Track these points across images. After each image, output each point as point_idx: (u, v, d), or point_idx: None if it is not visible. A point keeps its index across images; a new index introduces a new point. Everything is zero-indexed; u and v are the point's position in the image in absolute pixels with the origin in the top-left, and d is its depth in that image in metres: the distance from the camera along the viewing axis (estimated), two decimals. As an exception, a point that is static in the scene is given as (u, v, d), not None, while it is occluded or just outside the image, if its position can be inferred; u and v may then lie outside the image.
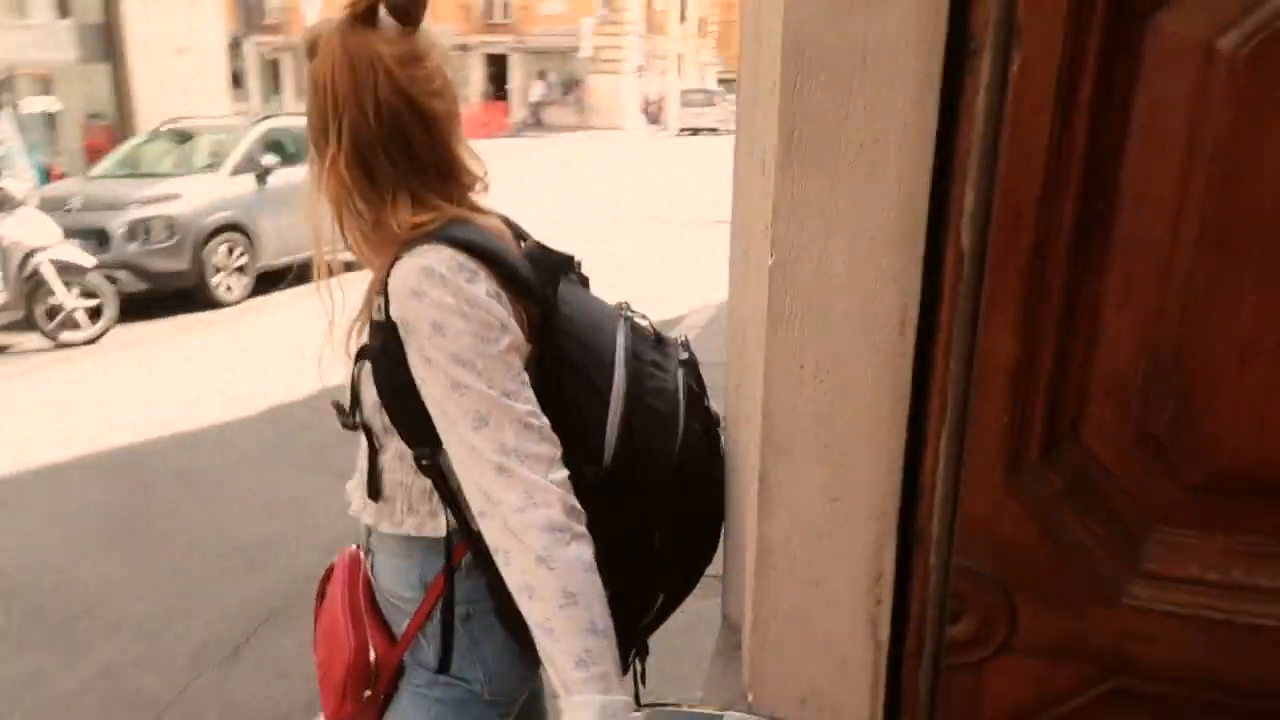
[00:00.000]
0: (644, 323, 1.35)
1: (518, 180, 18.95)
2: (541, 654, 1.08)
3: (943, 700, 1.04)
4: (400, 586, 1.32)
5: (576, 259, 1.34)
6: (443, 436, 1.16)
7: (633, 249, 10.88)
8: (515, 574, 1.09)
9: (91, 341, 7.14)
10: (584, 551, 1.08)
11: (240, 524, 4.20)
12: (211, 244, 8.18)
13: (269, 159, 8.84)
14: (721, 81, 44.61)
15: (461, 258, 1.15)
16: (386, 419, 1.22)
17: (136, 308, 7.63)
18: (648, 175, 19.21)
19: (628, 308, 1.37)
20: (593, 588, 1.07)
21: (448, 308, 1.12)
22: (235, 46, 16.82)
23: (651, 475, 1.23)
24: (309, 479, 4.71)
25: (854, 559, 1.06)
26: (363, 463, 1.31)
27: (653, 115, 34.28)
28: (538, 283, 1.22)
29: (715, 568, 1.39)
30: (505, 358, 1.13)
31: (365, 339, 1.30)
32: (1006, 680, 1.02)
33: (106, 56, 12.41)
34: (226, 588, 3.67)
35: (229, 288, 8.42)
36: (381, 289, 1.18)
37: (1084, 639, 0.99)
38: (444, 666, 1.29)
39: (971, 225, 0.91)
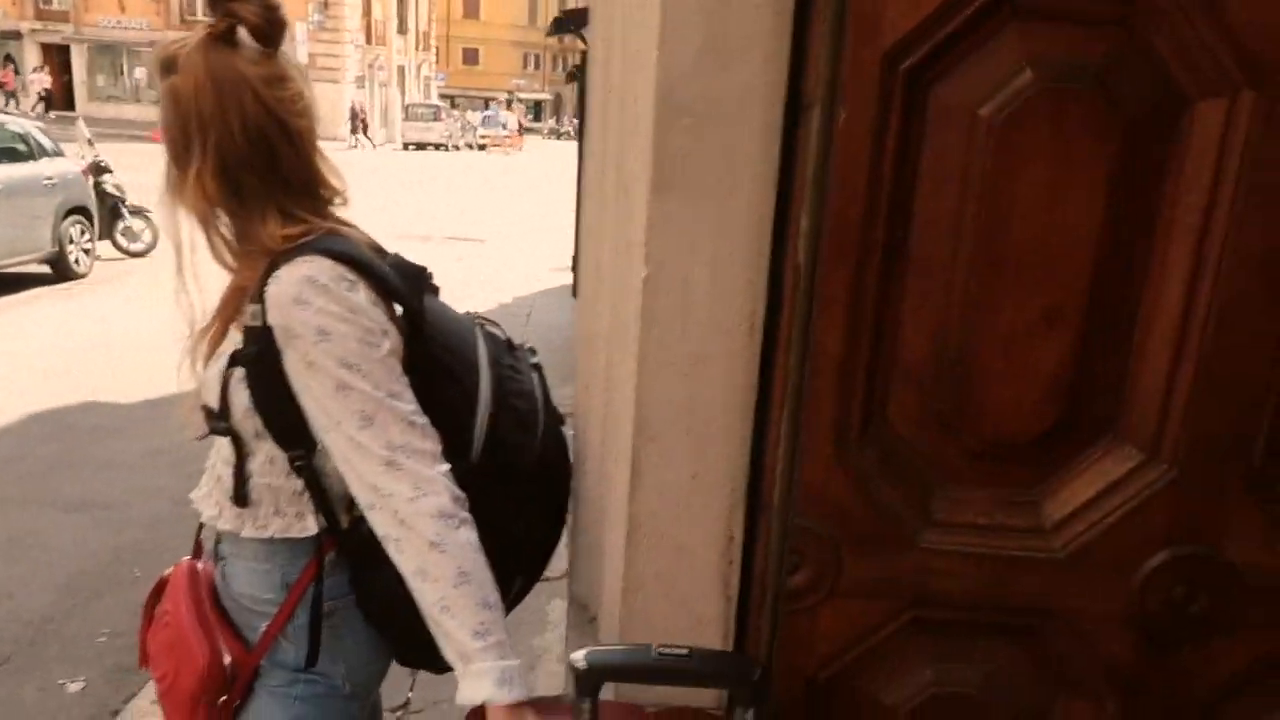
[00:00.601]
0: (496, 330, 1.47)
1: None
2: (438, 632, 1.17)
3: (781, 641, 1.25)
4: (259, 589, 1.35)
5: (428, 270, 1.43)
6: (324, 437, 1.22)
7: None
8: (409, 559, 1.17)
9: None
10: (471, 535, 1.19)
11: (-51, 567, 3.74)
12: None
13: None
14: (444, 97, 44.30)
15: (340, 268, 1.22)
16: (259, 424, 1.27)
17: None
18: (390, 191, 18.70)
19: (479, 317, 1.48)
20: (483, 567, 1.18)
21: (332, 314, 1.19)
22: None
23: (515, 469, 1.36)
24: (27, 515, 4.29)
25: (711, 527, 1.24)
26: (224, 470, 1.34)
27: (356, 127, 33.27)
28: (406, 292, 1.30)
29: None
30: (387, 361, 1.22)
31: (226, 346, 1.33)
32: (833, 619, 1.25)
33: None
34: (-58, 637, 3.27)
35: (-105, 303, 7.31)
36: (257, 298, 1.22)
37: (891, 579, 1.24)
38: (311, 661, 1.33)
39: (806, 244, 1.13)
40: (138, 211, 10.66)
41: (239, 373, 1.25)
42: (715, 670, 1.08)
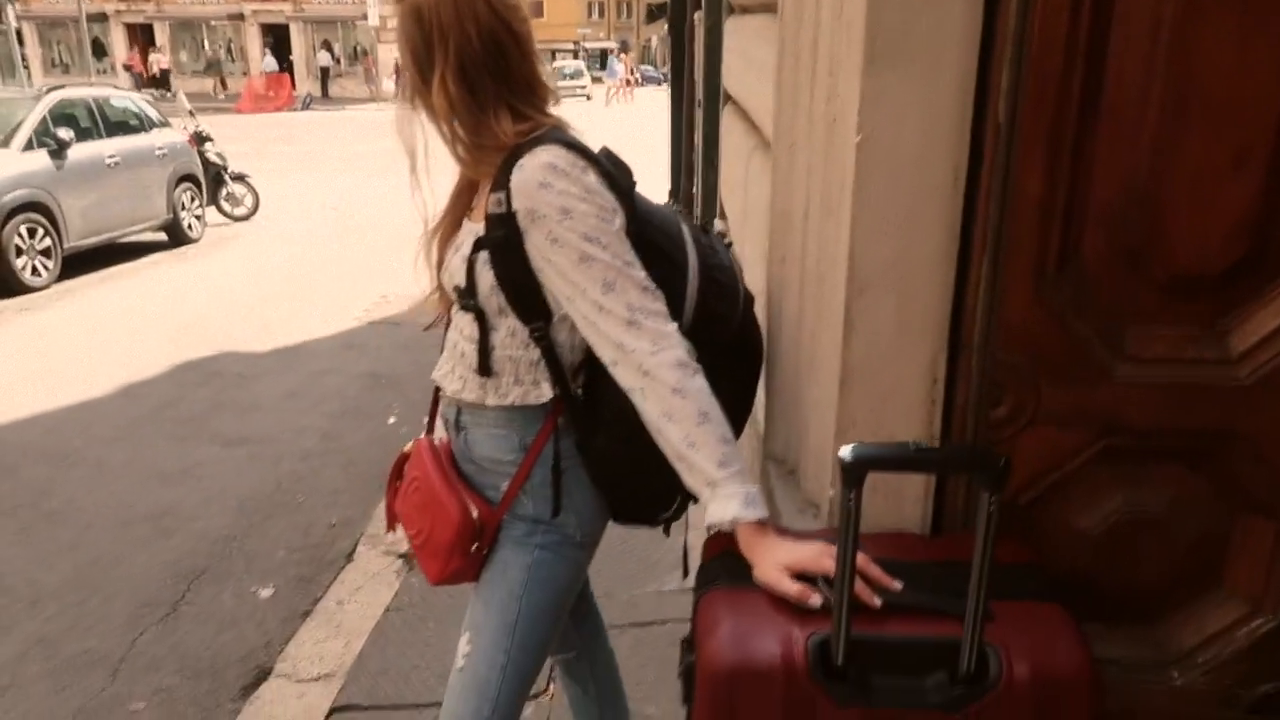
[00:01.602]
0: (689, 216, 1.61)
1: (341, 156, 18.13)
2: (683, 467, 1.33)
3: (981, 472, 1.39)
4: (500, 452, 1.53)
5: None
6: (568, 305, 1.39)
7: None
8: (653, 404, 1.33)
9: (-111, 334, 6.52)
10: (704, 382, 1.35)
11: (134, 496, 4.12)
12: (10, 225, 7.54)
13: (65, 133, 8.23)
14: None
15: (574, 155, 1.38)
16: (502, 300, 1.44)
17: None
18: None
19: (675, 206, 1.63)
20: (718, 408, 1.34)
21: (573, 195, 1.35)
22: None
23: (719, 335, 1.51)
24: (192, 450, 4.64)
25: (916, 371, 1.38)
26: (467, 346, 1.51)
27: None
28: (620, 178, 1.45)
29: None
30: (620, 234, 1.38)
31: (463, 235, 1.50)
32: (1031, 448, 1.39)
33: None
34: (141, 554, 3.63)
35: (36, 271, 7.82)
36: (500, 187, 1.39)
37: (1085, 409, 1.37)
38: (555, 512, 1.52)
39: (1007, 100, 1.24)
40: (239, 177, 11.12)
41: (483, 256, 1.42)
42: (964, 459, 1.23)
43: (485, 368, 1.49)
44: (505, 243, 1.39)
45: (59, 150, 8.11)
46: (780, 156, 1.57)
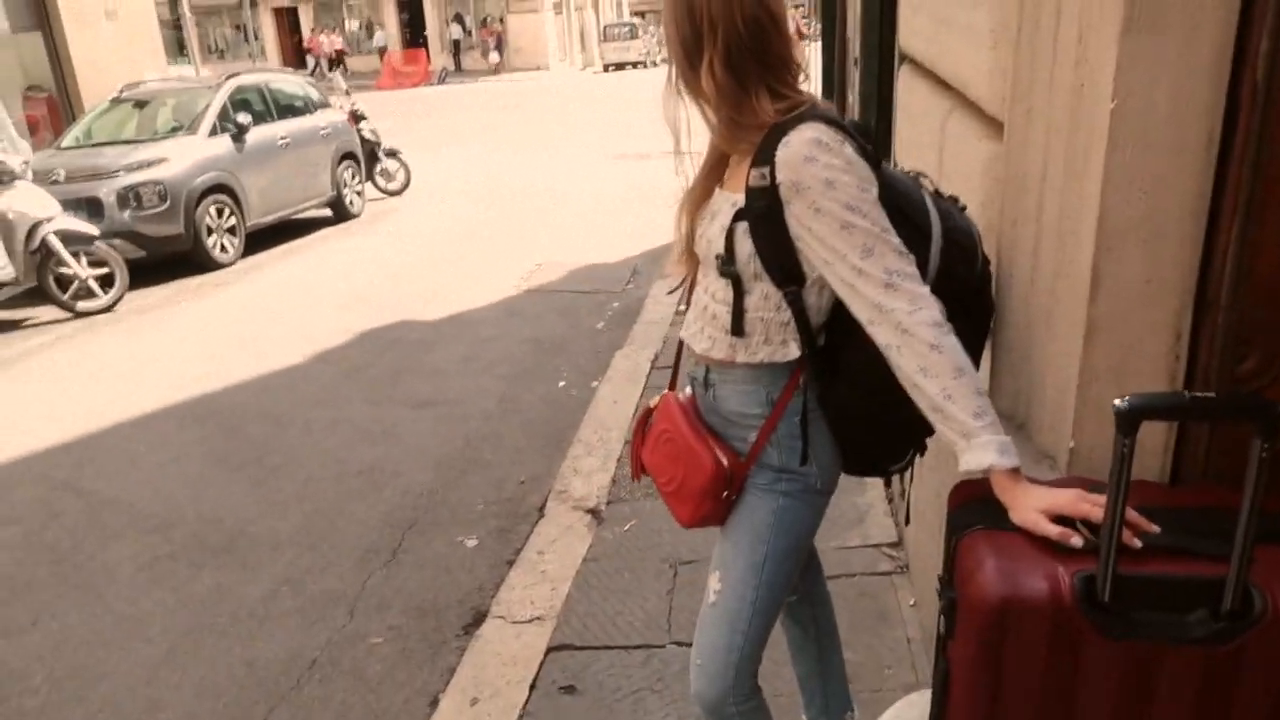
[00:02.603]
0: (926, 182, 1.70)
1: (500, 126, 18.61)
2: (939, 419, 1.43)
3: (1223, 427, 1.44)
4: (748, 406, 1.66)
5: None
6: (826, 270, 1.49)
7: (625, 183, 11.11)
8: (910, 360, 1.43)
9: (108, 309, 7.20)
10: (956, 339, 1.44)
11: (343, 453, 4.48)
12: (201, 206, 8.18)
13: (244, 118, 8.82)
14: (635, 13, 44.14)
15: (833, 130, 1.48)
16: (759, 266, 1.55)
17: (135, 275, 7.66)
18: (597, 113, 19.24)
19: (912, 171, 1.72)
20: (970, 363, 1.43)
21: (836, 167, 1.45)
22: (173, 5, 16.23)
23: (959, 294, 1.59)
24: (387, 411, 4.99)
25: (1161, 326, 1.44)
26: (719, 308, 1.64)
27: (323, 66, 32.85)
28: (871, 150, 1.54)
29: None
30: (877, 203, 1.47)
31: (717, 204, 1.63)
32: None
33: (38, 25, 12.01)
34: (358, 505, 3.97)
35: (224, 248, 8.46)
36: (762, 162, 1.50)
37: (1336, 362, 1.40)
38: (804, 460, 1.64)
39: (1265, 64, 1.28)
40: (392, 154, 11.64)
41: (743, 226, 1.55)
42: (1240, 406, 1.29)
43: (739, 329, 1.61)
44: (767, 213, 1.51)
45: (239, 134, 8.72)
46: (1015, 123, 1.63)
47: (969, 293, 1.63)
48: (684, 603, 3.00)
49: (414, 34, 36.16)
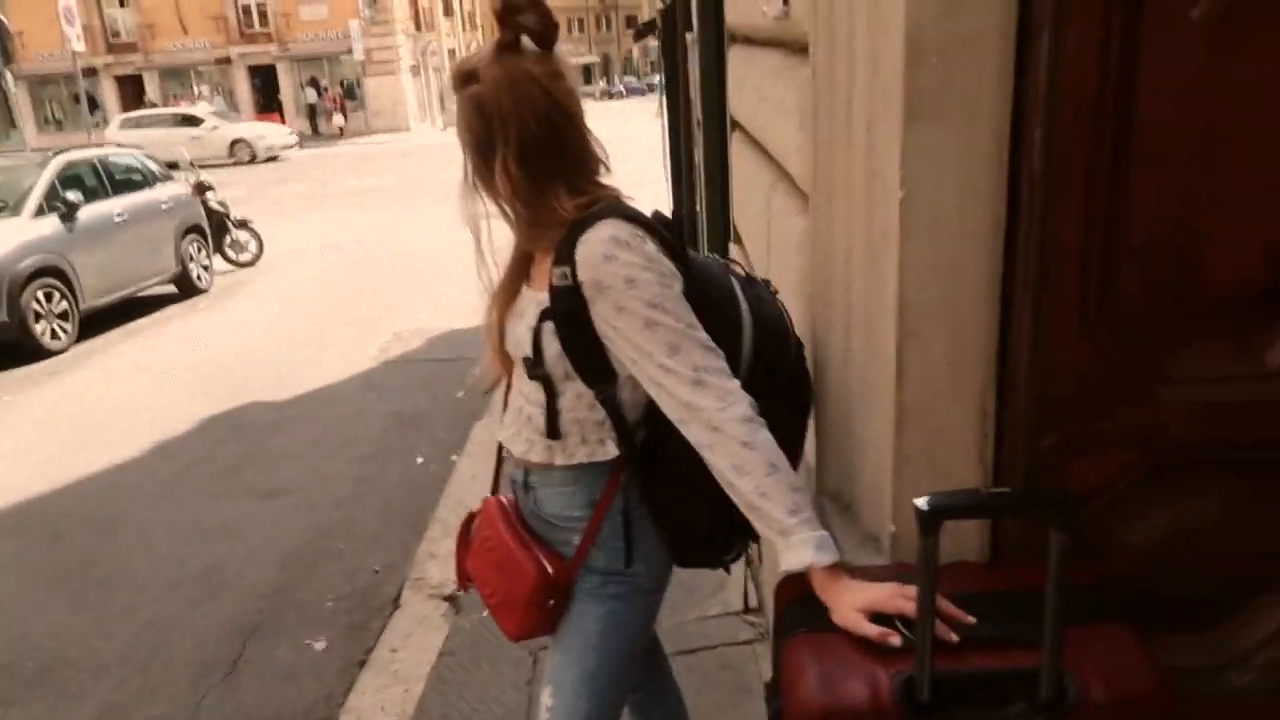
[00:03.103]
0: (735, 266, 1.68)
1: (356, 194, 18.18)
2: (756, 517, 1.40)
3: (1036, 499, 1.45)
4: (570, 509, 1.60)
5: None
6: (634, 369, 1.45)
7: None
8: (723, 458, 1.40)
9: (-82, 409, 6.60)
10: (769, 434, 1.41)
11: (180, 555, 4.19)
12: (27, 291, 7.64)
13: (74, 195, 8.34)
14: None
15: (633, 226, 1.45)
16: (568, 366, 1.50)
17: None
18: (459, 173, 18.99)
19: (719, 258, 1.70)
20: (784, 458, 1.41)
21: (636, 265, 1.41)
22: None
23: (773, 381, 1.58)
24: (230, 505, 4.72)
25: (967, 407, 1.45)
26: (533, 410, 1.58)
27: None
28: (673, 241, 1.52)
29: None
30: (681, 299, 1.45)
31: (523, 304, 1.57)
32: (1081, 473, 1.45)
33: None
34: (196, 614, 3.71)
35: (55, 334, 7.91)
36: (563, 261, 1.45)
37: (1132, 433, 1.44)
38: (629, 562, 1.58)
39: (1041, 151, 1.32)
40: (242, 224, 11.24)
41: (549, 326, 1.49)
42: (1036, 501, 1.29)
43: (553, 431, 1.55)
44: (571, 313, 1.46)
45: (69, 213, 8.22)
46: (819, 205, 1.64)
47: (785, 380, 1.61)
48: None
49: (267, 99, 35.34)
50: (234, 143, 26.96)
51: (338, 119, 32.87)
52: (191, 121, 27.20)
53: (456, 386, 6.25)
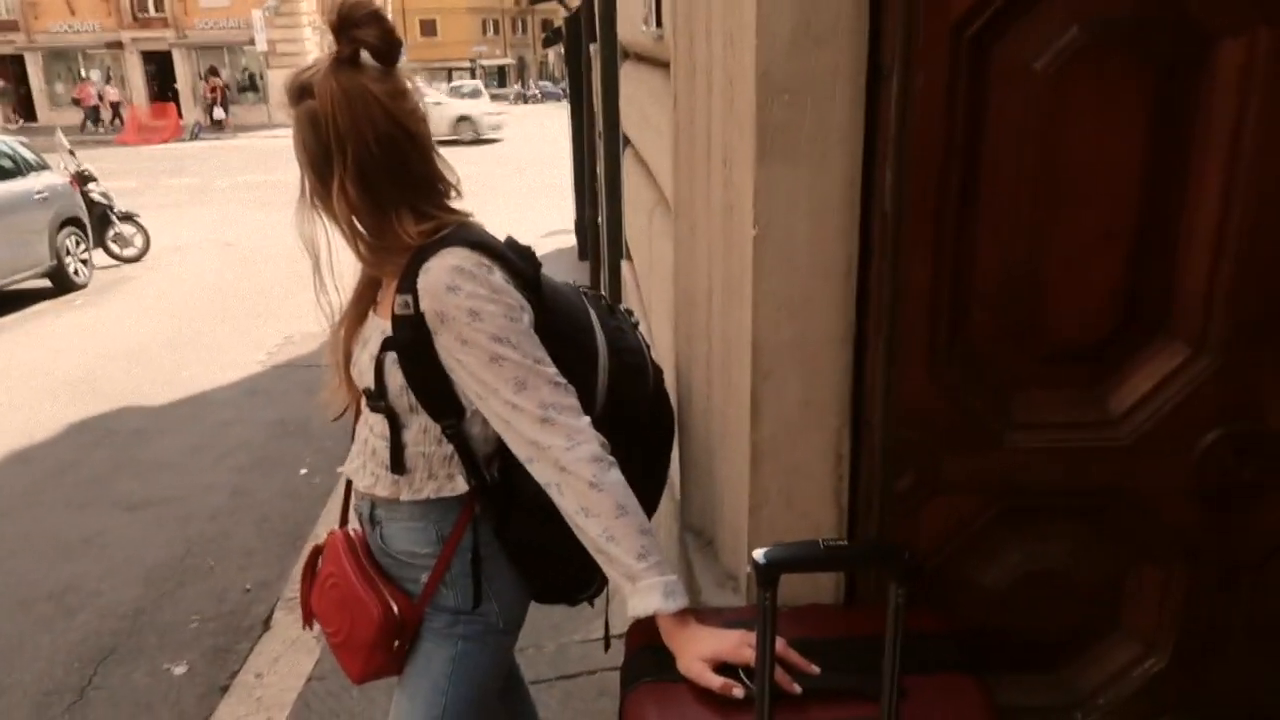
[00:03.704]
0: (596, 296, 1.64)
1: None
2: (603, 560, 1.35)
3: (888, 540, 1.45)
4: (417, 545, 1.53)
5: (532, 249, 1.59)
6: (480, 404, 1.39)
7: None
8: (570, 499, 1.35)
9: None
10: (619, 474, 1.37)
11: (34, 571, 3.95)
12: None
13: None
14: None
15: (479, 255, 1.39)
16: (412, 399, 1.44)
17: None
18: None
19: (581, 286, 1.66)
20: (634, 500, 1.37)
21: (480, 297, 1.36)
22: None
23: (632, 416, 1.54)
24: (94, 517, 4.47)
25: (822, 447, 1.43)
26: (378, 443, 1.50)
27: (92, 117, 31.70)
28: (526, 270, 1.47)
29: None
30: (529, 332, 1.39)
31: (368, 332, 1.50)
32: (933, 517, 1.45)
33: None
34: (45, 636, 3.49)
35: (-90, 329, 7.40)
36: (406, 289, 1.38)
37: (982, 476, 1.44)
38: (476, 602, 1.52)
39: (892, 195, 1.31)
40: (127, 217, 10.73)
41: (391, 356, 1.42)
42: (873, 555, 1.28)
43: (399, 465, 1.48)
44: (414, 343, 1.39)
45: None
46: (682, 237, 1.61)
47: (643, 416, 1.57)
48: None
49: (163, 87, 33.93)
50: (459, 120, 25.43)
51: (218, 112, 31.32)
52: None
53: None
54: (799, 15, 1.24)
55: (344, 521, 1.71)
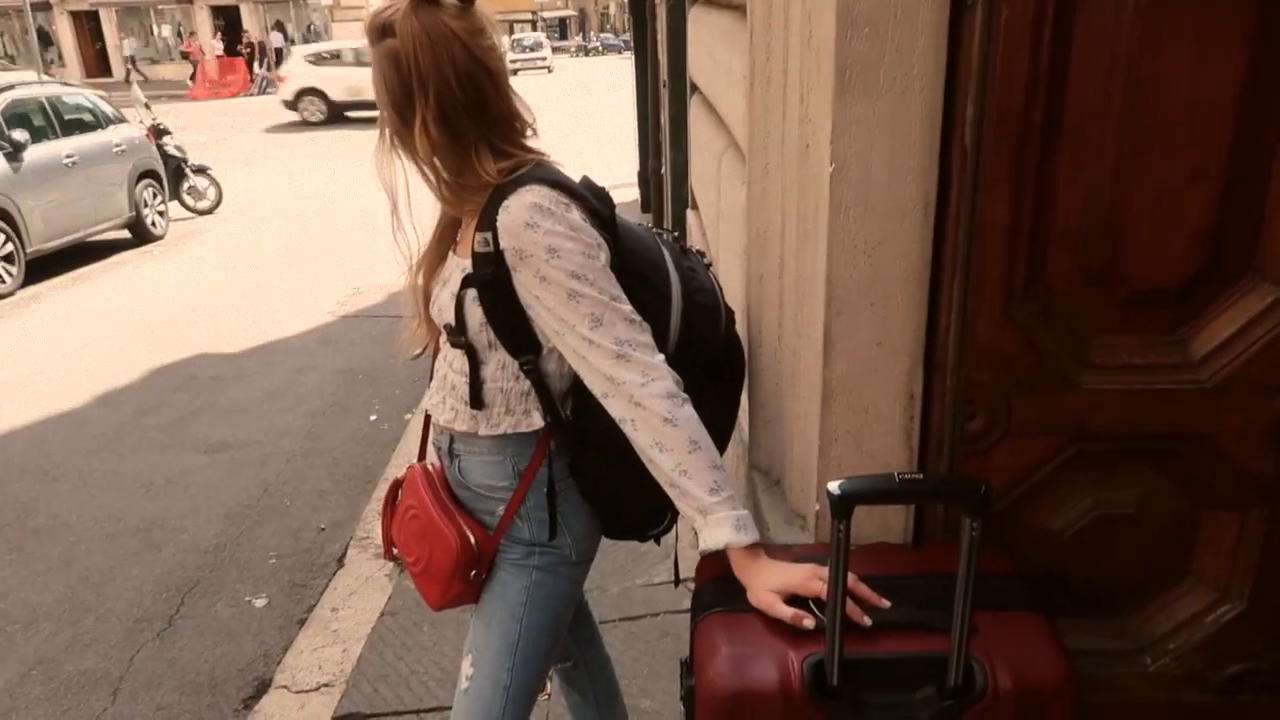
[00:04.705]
0: (669, 237, 1.64)
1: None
2: (675, 494, 1.38)
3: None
4: (495, 479, 1.57)
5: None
6: (557, 340, 1.42)
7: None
8: (644, 434, 1.37)
9: None
10: (693, 410, 1.38)
11: (120, 508, 4.12)
12: (-33, 232, 7.43)
13: (20, 135, 8.08)
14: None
15: (557, 193, 1.40)
16: (491, 335, 1.46)
17: (-106, 310, 6.89)
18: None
19: (654, 227, 1.66)
20: (707, 435, 1.38)
21: (559, 234, 1.37)
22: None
23: (703, 356, 1.55)
24: (175, 458, 4.64)
25: (894, 388, 1.43)
26: (458, 379, 1.54)
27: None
28: (603, 210, 1.48)
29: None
30: (606, 270, 1.40)
31: (447, 271, 1.53)
32: (1005, 459, 1.45)
33: None
34: (133, 568, 3.65)
35: (0, 278, 7.71)
36: (486, 226, 1.41)
37: (1055, 418, 1.43)
38: (552, 534, 1.56)
39: (972, 130, 1.29)
40: (200, 170, 10.97)
41: (471, 293, 1.45)
42: (948, 489, 1.28)
43: (477, 400, 1.51)
44: (493, 280, 1.41)
45: (14, 153, 7.96)
46: (755, 176, 1.60)
47: (715, 355, 1.58)
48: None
49: (232, 42, 34.38)
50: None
51: (259, 71, 30.29)
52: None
53: (414, 344, 6.16)
54: (881, -54, 1.22)
55: (422, 455, 1.77)
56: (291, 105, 20.26)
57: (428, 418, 1.70)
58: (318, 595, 3.41)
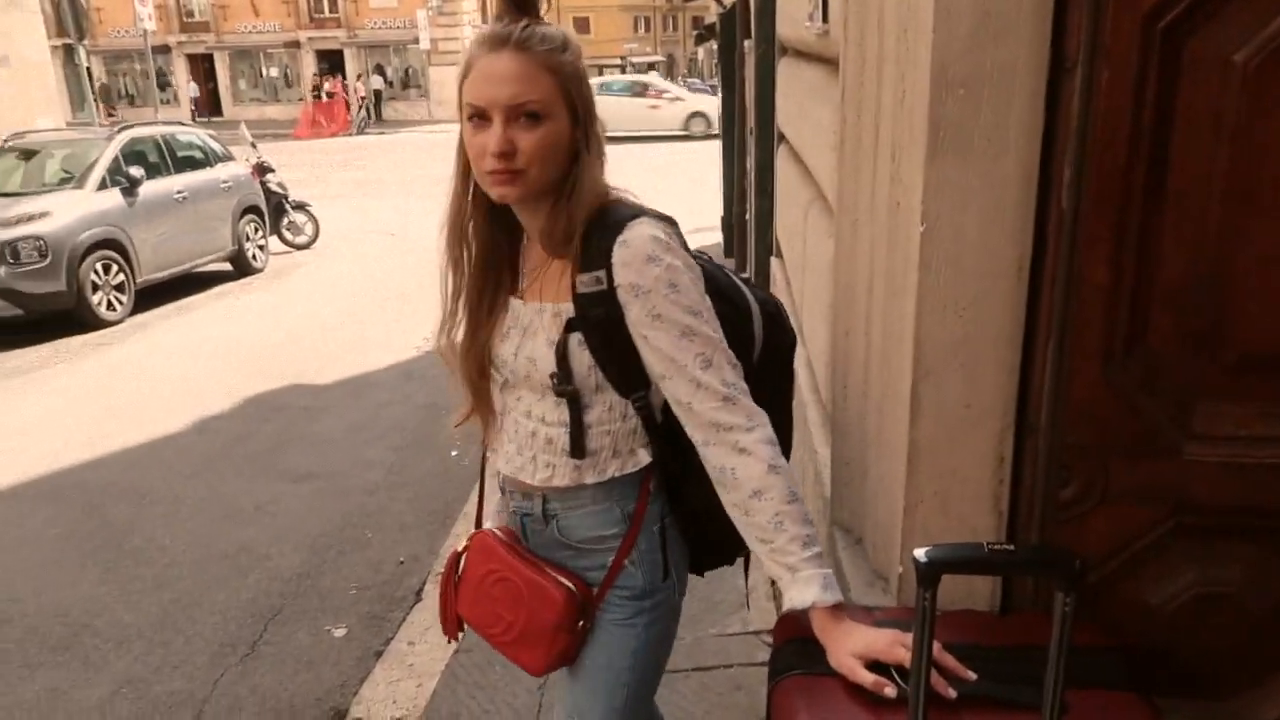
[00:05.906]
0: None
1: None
2: (764, 547, 1.31)
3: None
4: (604, 528, 1.46)
5: None
6: (663, 383, 1.34)
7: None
8: (745, 483, 1.30)
9: (-26, 373, 6.80)
10: (786, 459, 1.35)
11: (210, 534, 4.24)
12: (87, 262, 7.84)
13: (136, 171, 8.53)
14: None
15: (666, 225, 1.35)
16: (600, 377, 1.38)
17: (12, 334, 7.28)
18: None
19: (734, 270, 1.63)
20: (800, 487, 1.34)
21: (678, 269, 1.30)
22: (69, 53, 15.75)
23: (782, 360, 1.50)
24: (263, 486, 4.77)
25: (983, 450, 1.40)
26: (553, 431, 1.43)
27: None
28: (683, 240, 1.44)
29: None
30: (712, 308, 1.37)
31: (531, 320, 1.49)
32: (1101, 527, 1.40)
33: (-78, 70, 11.55)
34: (220, 593, 3.74)
35: (111, 306, 8.10)
36: (599, 264, 1.32)
37: (1155, 488, 1.38)
38: (666, 574, 1.47)
39: (1070, 192, 1.26)
40: (300, 206, 11.40)
41: (576, 337, 1.37)
42: (1040, 560, 1.24)
43: (579, 449, 1.42)
44: (606, 321, 1.34)
45: (130, 188, 8.41)
46: (843, 231, 1.60)
47: (790, 360, 1.54)
48: (554, 699, 2.86)
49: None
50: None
51: (354, 115, 31.14)
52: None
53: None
54: (978, 8, 1.22)
55: (480, 522, 1.67)
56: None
57: (482, 483, 1.64)
58: (395, 628, 3.45)
